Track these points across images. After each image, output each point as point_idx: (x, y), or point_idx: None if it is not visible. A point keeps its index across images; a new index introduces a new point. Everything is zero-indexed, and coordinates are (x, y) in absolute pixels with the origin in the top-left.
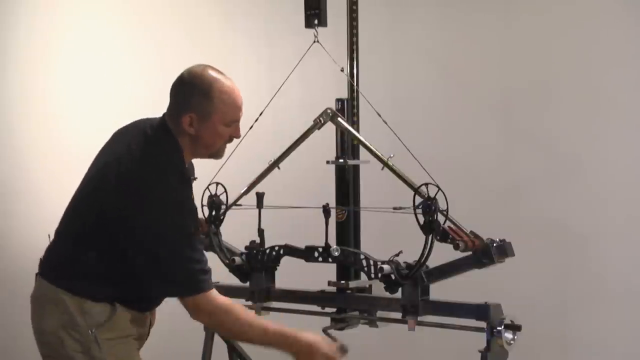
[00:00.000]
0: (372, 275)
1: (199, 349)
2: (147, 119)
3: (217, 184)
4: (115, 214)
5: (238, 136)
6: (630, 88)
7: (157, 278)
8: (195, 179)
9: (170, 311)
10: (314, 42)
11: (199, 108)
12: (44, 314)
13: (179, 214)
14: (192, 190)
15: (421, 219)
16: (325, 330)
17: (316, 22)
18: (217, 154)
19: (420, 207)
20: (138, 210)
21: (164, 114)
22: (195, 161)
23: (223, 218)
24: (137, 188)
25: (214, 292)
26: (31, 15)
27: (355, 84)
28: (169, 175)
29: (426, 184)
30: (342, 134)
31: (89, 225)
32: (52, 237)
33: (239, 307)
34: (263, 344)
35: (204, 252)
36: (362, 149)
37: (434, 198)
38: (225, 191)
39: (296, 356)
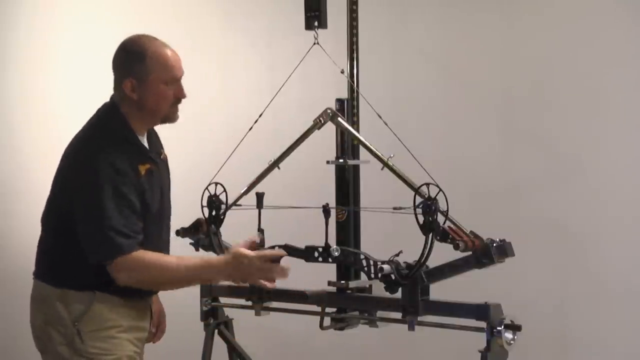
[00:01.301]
0: (372, 275)
1: (199, 348)
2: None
3: (216, 184)
4: (62, 192)
5: (183, 96)
6: (630, 88)
7: (83, 243)
8: (160, 153)
9: (169, 311)
10: (314, 44)
11: (136, 71)
12: (36, 311)
13: (105, 178)
14: (149, 159)
15: (421, 219)
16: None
17: (316, 24)
18: (168, 117)
19: (421, 207)
20: (73, 177)
21: (112, 94)
22: (194, 162)
23: (223, 218)
24: (74, 157)
25: (135, 253)
26: (31, 15)
27: (355, 86)
28: (104, 141)
29: (427, 184)
30: (342, 134)
31: (55, 214)
32: None
33: (153, 256)
34: (194, 283)
35: (131, 215)
36: (362, 149)
37: (435, 198)
38: (225, 191)
39: (232, 276)
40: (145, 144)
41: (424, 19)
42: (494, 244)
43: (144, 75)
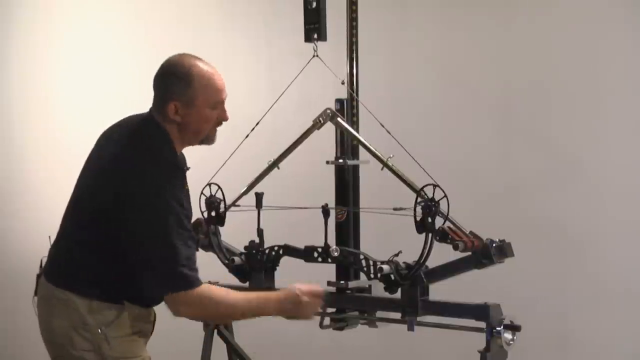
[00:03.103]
0: (372, 276)
1: (198, 348)
2: (135, 116)
3: (211, 184)
4: (111, 212)
5: (226, 118)
6: (630, 88)
7: (147, 275)
8: (188, 168)
9: (168, 312)
10: (314, 56)
11: (181, 95)
12: (53, 314)
13: (169, 210)
14: (185, 180)
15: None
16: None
17: (315, 36)
18: (207, 139)
19: (421, 205)
20: (131, 206)
21: (151, 109)
22: (194, 162)
23: (224, 218)
24: (129, 184)
25: (202, 287)
26: (31, 15)
27: (355, 95)
28: (161, 169)
29: (433, 187)
30: (341, 134)
31: (89, 227)
32: (52, 239)
33: (220, 292)
34: (253, 316)
35: (193, 247)
36: (361, 149)
37: (438, 201)
38: (222, 192)
39: (286, 313)
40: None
41: (424, 21)
42: (494, 244)
43: (189, 99)
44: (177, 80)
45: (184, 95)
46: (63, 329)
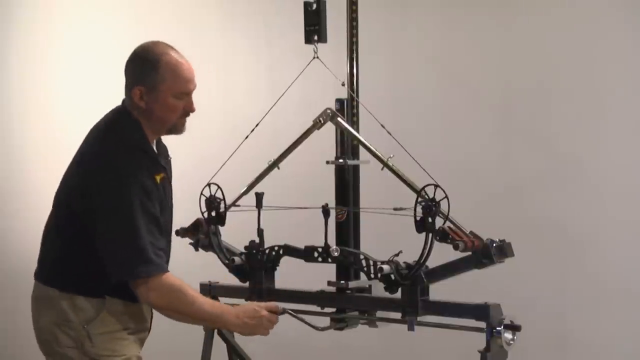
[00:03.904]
0: (372, 276)
1: (198, 349)
2: (112, 110)
3: (211, 184)
4: (81, 201)
5: (192, 110)
6: (630, 88)
7: (108, 260)
8: (170, 158)
9: None
10: (314, 58)
11: (147, 80)
12: (40, 313)
13: (133, 196)
14: (158, 167)
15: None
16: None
17: (316, 38)
18: (175, 129)
19: (421, 205)
20: (96, 191)
21: (123, 99)
22: (194, 162)
23: (224, 218)
24: (98, 176)
25: (166, 275)
26: (31, 15)
27: (355, 94)
28: (129, 155)
29: (435, 187)
30: (341, 134)
31: (66, 222)
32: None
33: (189, 288)
34: (210, 324)
35: (157, 234)
36: (361, 149)
37: (438, 201)
38: (221, 190)
39: (245, 328)
40: (155, 150)
41: (424, 21)
42: (494, 244)
43: (154, 85)
44: (145, 66)
45: (150, 81)
46: (48, 326)
